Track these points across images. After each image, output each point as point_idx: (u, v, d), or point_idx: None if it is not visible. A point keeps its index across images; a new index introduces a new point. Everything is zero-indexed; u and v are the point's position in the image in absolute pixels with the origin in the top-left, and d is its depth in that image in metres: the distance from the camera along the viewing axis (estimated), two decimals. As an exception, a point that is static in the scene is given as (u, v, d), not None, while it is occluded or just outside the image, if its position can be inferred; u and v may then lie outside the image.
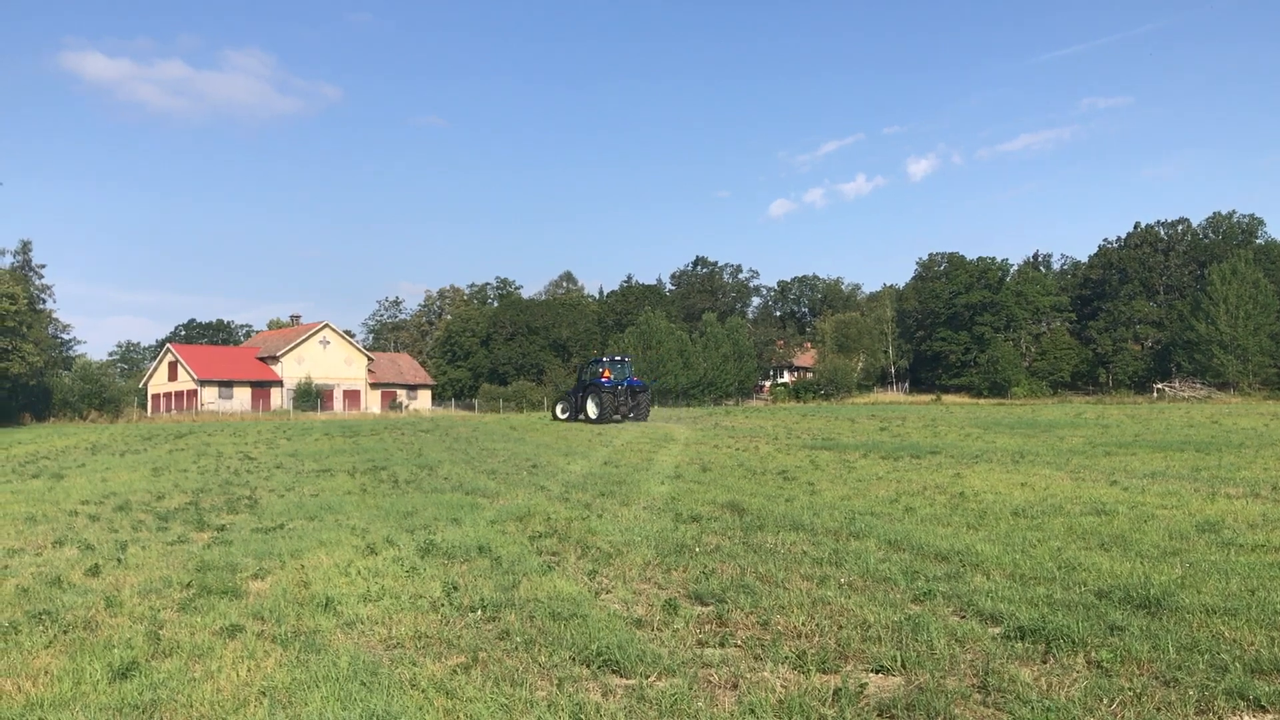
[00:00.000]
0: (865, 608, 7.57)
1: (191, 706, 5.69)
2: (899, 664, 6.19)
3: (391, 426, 46.73)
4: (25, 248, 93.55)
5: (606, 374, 46.46)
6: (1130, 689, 5.60)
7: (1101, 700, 5.47)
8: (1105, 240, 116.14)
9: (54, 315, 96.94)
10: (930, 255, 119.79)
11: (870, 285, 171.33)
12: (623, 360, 48.65)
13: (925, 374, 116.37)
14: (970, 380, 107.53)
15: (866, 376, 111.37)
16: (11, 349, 62.52)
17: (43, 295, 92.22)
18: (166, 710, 5.65)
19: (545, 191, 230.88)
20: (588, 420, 44.82)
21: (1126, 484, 15.83)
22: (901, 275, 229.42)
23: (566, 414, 46.55)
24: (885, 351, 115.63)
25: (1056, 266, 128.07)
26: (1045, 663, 6.22)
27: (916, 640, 6.64)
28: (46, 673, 6.42)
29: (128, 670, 6.37)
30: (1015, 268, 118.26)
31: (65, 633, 7.44)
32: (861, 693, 5.67)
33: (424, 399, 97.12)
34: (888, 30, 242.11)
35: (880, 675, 6.10)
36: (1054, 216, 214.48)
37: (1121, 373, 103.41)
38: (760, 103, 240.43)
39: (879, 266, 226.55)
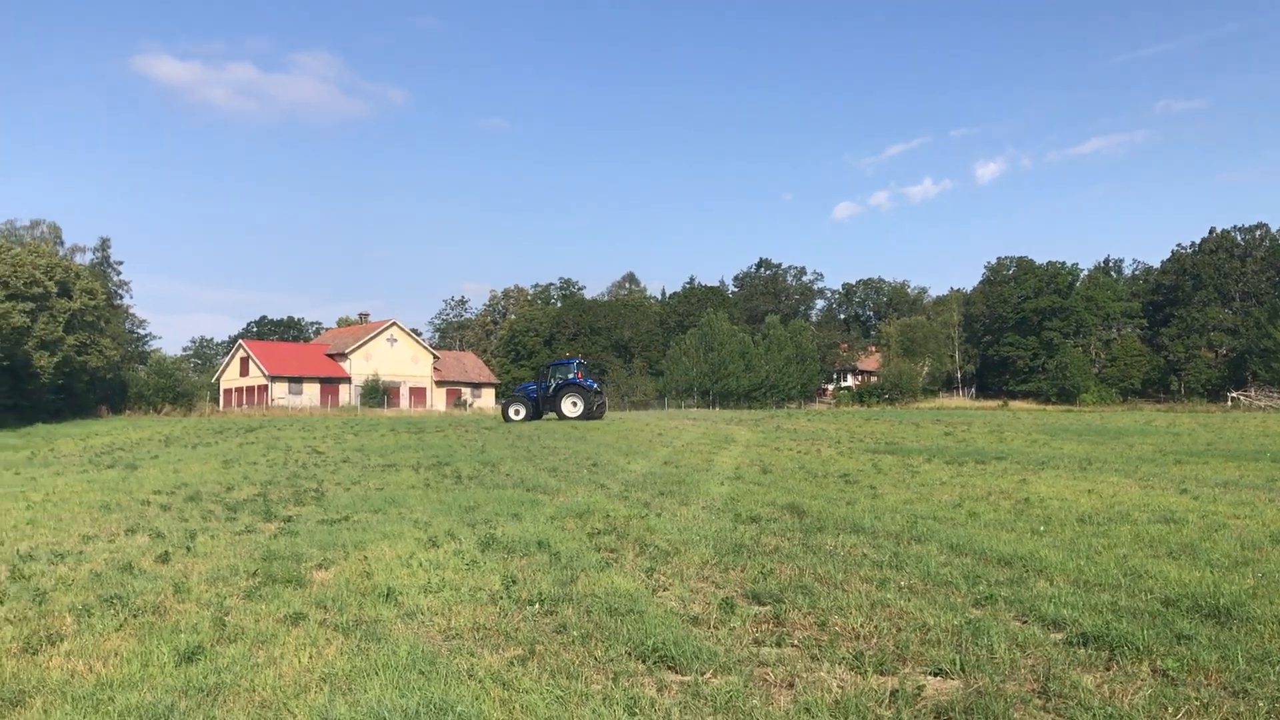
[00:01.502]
0: (925, 611, 7.49)
1: (254, 691, 5.80)
2: (958, 667, 6.12)
3: (456, 424, 47.16)
4: (104, 245, 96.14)
5: (580, 375, 48.36)
6: (1197, 699, 5.48)
7: (1166, 709, 5.36)
8: (1179, 245, 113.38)
9: (131, 311, 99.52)
10: (998, 259, 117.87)
11: (937, 289, 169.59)
12: (582, 363, 50.91)
13: (992, 379, 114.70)
14: (1038, 386, 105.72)
15: (932, 381, 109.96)
16: (90, 343, 64.11)
17: (120, 291, 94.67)
18: (230, 694, 5.77)
19: (608, 193, 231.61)
20: (561, 418, 45.99)
21: (1197, 492, 15.48)
22: (969, 279, 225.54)
23: (521, 415, 46.86)
24: (951, 356, 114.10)
25: (1128, 272, 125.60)
26: (1109, 669, 6.10)
27: (976, 644, 6.56)
28: (116, 654, 6.60)
29: (193, 654, 6.52)
30: (1085, 273, 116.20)
31: (135, 617, 7.64)
32: (919, 695, 5.61)
33: (488, 397, 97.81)
34: (954, 31, 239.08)
35: (938, 678, 6.03)
36: (1126, 221, 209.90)
37: (1194, 380, 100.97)
38: (825, 105, 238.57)
39: (946, 270, 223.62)
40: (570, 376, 47.85)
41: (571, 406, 46.37)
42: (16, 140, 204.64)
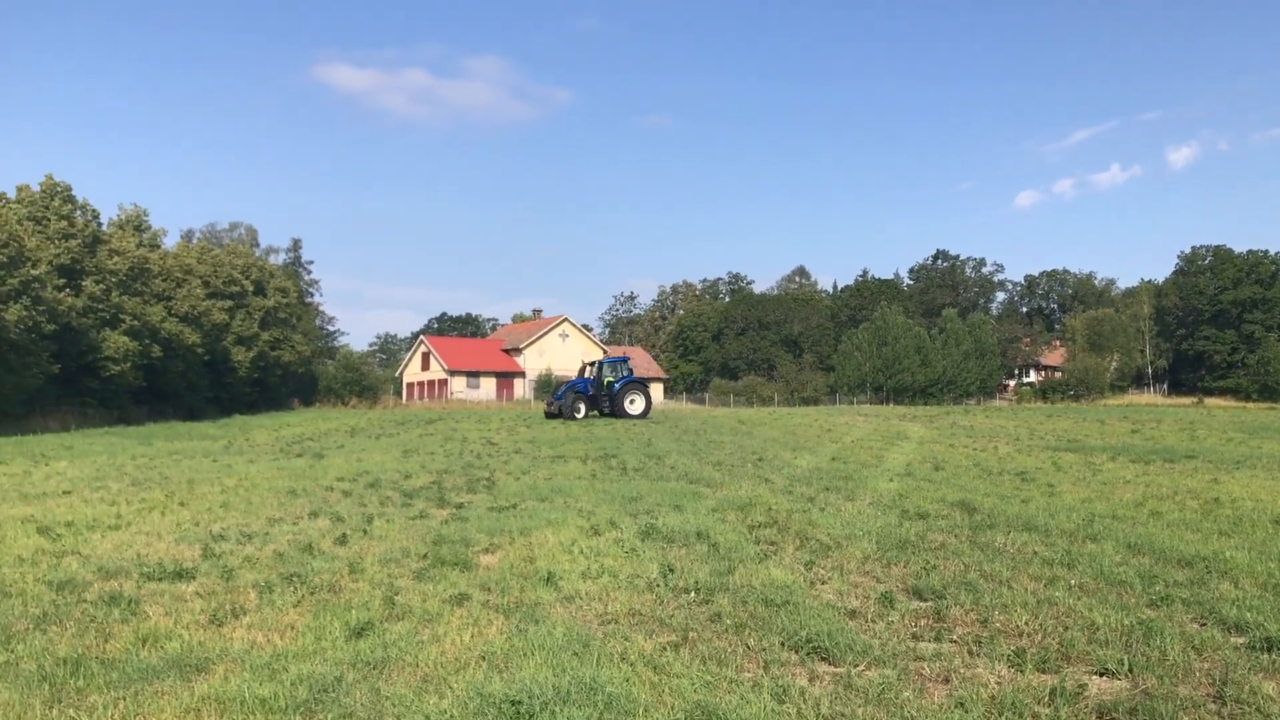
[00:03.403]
0: (1094, 610, 7.18)
1: (417, 666, 6.05)
2: (1125, 668, 5.85)
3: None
4: (296, 245, 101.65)
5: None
6: (1393, 710, 5.08)
7: (1357, 720, 5.00)
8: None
9: (320, 308, 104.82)
10: (1193, 249, 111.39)
11: (1126, 280, 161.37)
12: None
13: (1186, 375, 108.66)
14: (1237, 383, 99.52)
15: (1120, 377, 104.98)
16: (283, 339, 67.80)
17: (311, 290, 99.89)
18: (394, 668, 6.03)
19: (776, 187, 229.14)
20: (619, 416, 44.93)
21: None
22: (1161, 270, 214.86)
23: (581, 413, 45.24)
24: (1141, 351, 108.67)
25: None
26: (1294, 677, 5.73)
27: (1148, 645, 6.26)
28: (293, 628, 6.98)
29: (363, 630, 6.84)
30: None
31: (312, 594, 8.06)
32: (1080, 694, 5.39)
33: (656, 392, 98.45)
34: (1144, 8, 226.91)
35: (1104, 678, 5.79)
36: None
37: None
38: (1005, 90, 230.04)
39: (1136, 260, 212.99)
40: (626, 374, 47.50)
41: (630, 404, 46.00)
42: (219, 148, 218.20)
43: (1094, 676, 5.82)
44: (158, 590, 8.28)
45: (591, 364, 49.36)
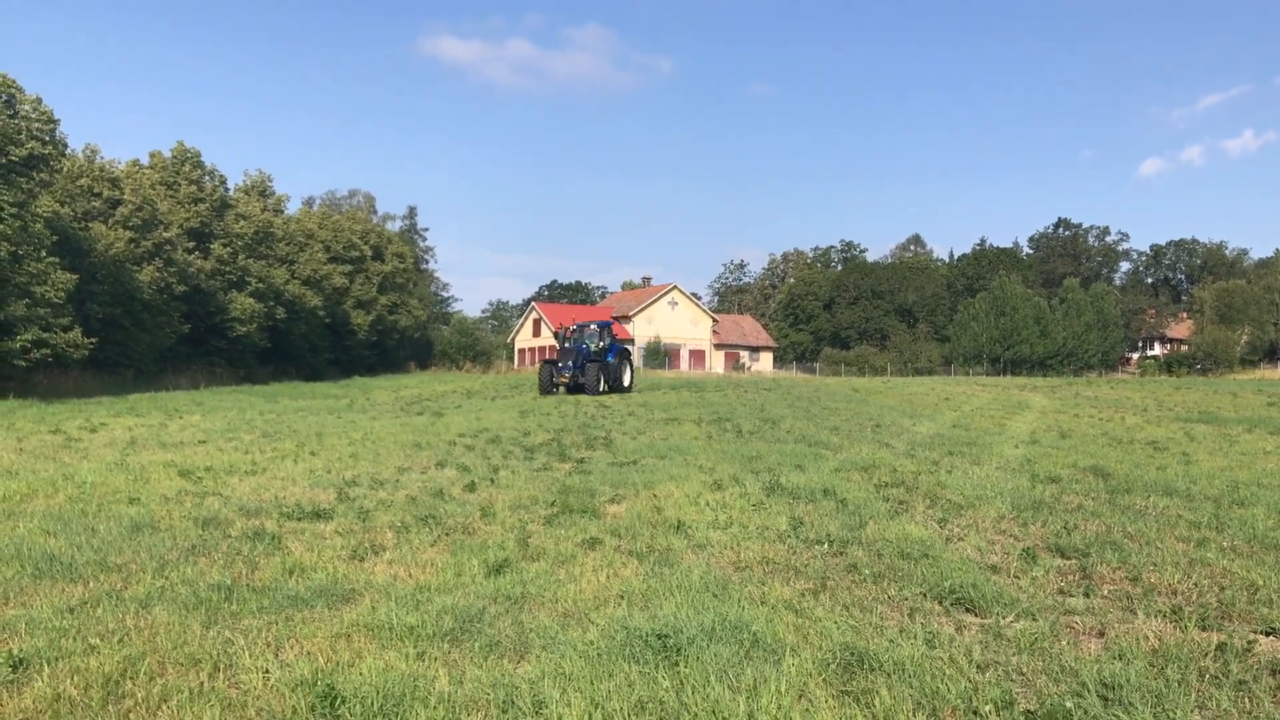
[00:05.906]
0: (1252, 571, 6.87)
1: (557, 602, 6.09)
2: (1295, 627, 5.57)
3: (734, 385, 47.63)
4: (411, 213, 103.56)
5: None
6: None
7: None
8: None
9: (435, 274, 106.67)
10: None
11: (1260, 250, 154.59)
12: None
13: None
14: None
15: (1251, 351, 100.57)
16: (400, 304, 69.28)
17: (426, 257, 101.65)
18: (534, 603, 6.08)
19: (891, 153, 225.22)
20: (622, 390, 38.16)
21: None
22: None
23: (603, 388, 36.91)
24: (1275, 324, 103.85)
25: None
26: None
27: (1317, 607, 5.95)
28: (432, 564, 7.10)
29: (501, 567, 6.92)
30: None
31: (447, 535, 8.19)
32: (1250, 650, 5.14)
33: (765, 360, 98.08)
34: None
35: (1271, 637, 5.51)
36: None
37: None
38: (1128, 55, 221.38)
39: (1270, 230, 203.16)
40: (612, 341, 39.73)
41: (628, 374, 39.39)
42: (337, 118, 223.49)
43: (1261, 635, 5.55)
44: (298, 528, 8.50)
45: (574, 330, 40.58)
